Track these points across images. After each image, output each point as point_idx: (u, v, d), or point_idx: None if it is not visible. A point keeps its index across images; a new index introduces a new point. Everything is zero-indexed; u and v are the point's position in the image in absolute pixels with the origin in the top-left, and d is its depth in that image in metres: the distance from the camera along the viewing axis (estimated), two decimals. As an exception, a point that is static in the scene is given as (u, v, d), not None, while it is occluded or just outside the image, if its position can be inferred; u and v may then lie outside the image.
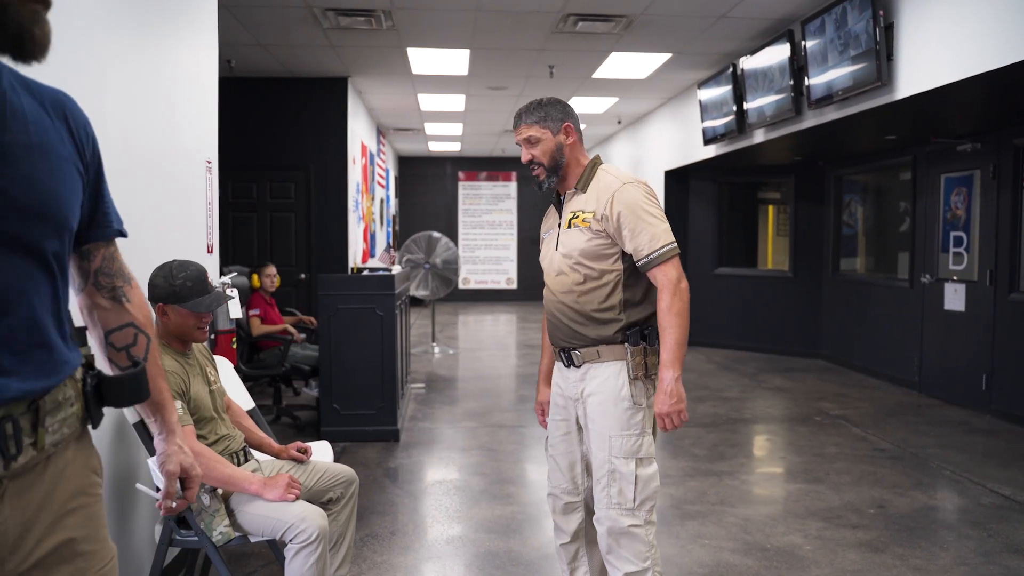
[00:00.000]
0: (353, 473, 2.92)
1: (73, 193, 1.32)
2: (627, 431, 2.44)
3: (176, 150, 3.37)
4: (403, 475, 4.76)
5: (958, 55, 4.38)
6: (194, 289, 2.61)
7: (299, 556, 2.45)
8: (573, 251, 2.49)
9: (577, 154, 2.58)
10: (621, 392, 2.44)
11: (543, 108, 2.54)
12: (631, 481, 2.42)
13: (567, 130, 2.54)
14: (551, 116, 2.53)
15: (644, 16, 6.15)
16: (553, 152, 2.53)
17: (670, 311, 2.36)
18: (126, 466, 2.80)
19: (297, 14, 6.14)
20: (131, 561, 2.84)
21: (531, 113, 2.54)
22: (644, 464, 2.44)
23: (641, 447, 2.44)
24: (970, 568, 3.44)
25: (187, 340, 2.66)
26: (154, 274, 2.64)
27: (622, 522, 2.43)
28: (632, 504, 2.43)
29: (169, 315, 2.60)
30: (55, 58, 2.21)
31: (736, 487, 4.53)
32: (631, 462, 2.43)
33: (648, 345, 2.44)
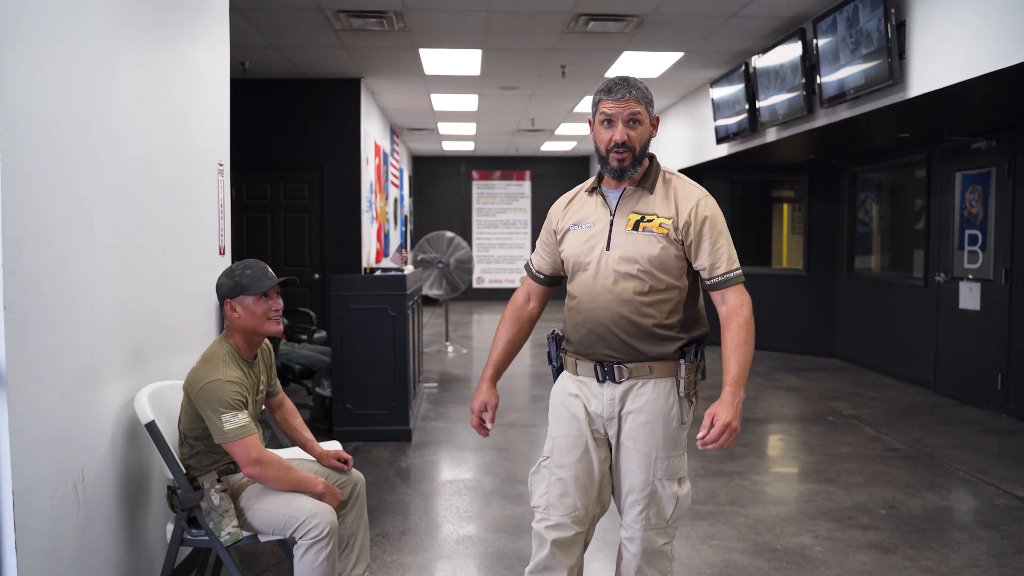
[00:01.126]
0: (358, 473, 2.94)
1: None
2: (674, 452, 2.32)
3: (188, 153, 3.40)
4: (415, 475, 4.78)
5: (970, 53, 4.35)
6: (254, 276, 2.65)
7: (309, 553, 2.48)
8: (640, 257, 2.27)
9: (650, 146, 2.37)
10: (672, 411, 2.31)
11: (648, 90, 2.30)
12: (672, 502, 2.32)
13: (656, 123, 2.35)
14: (652, 102, 2.32)
15: (655, 16, 6.15)
16: (646, 140, 2.31)
17: (746, 330, 2.26)
18: (138, 467, 2.84)
19: (309, 16, 6.17)
20: (143, 560, 2.88)
21: (640, 88, 2.28)
22: (684, 484, 2.36)
23: (683, 467, 2.36)
24: (981, 570, 3.42)
25: (260, 334, 2.67)
26: (218, 279, 2.69)
27: (657, 542, 2.33)
28: (667, 523, 2.34)
29: (238, 311, 2.63)
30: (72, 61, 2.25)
31: (747, 487, 4.53)
32: (674, 483, 2.32)
33: (702, 362, 2.34)
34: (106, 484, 2.59)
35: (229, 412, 2.47)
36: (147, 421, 2.60)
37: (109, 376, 2.62)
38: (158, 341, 3.04)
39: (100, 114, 2.58)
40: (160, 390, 2.79)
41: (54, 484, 2.28)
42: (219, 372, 2.53)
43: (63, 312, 2.32)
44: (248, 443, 2.49)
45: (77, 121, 2.42)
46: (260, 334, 2.68)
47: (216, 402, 2.48)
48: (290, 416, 2.98)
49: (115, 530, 2.66)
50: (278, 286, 2.70)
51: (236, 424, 2.48)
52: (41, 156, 2.21)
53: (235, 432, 2.47)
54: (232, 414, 2.47)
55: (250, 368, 2.69)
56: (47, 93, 2.25)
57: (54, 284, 2.27)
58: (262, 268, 2.69)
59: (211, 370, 2.54)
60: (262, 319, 2.64)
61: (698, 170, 9.87)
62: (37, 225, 2.18)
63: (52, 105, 2.28)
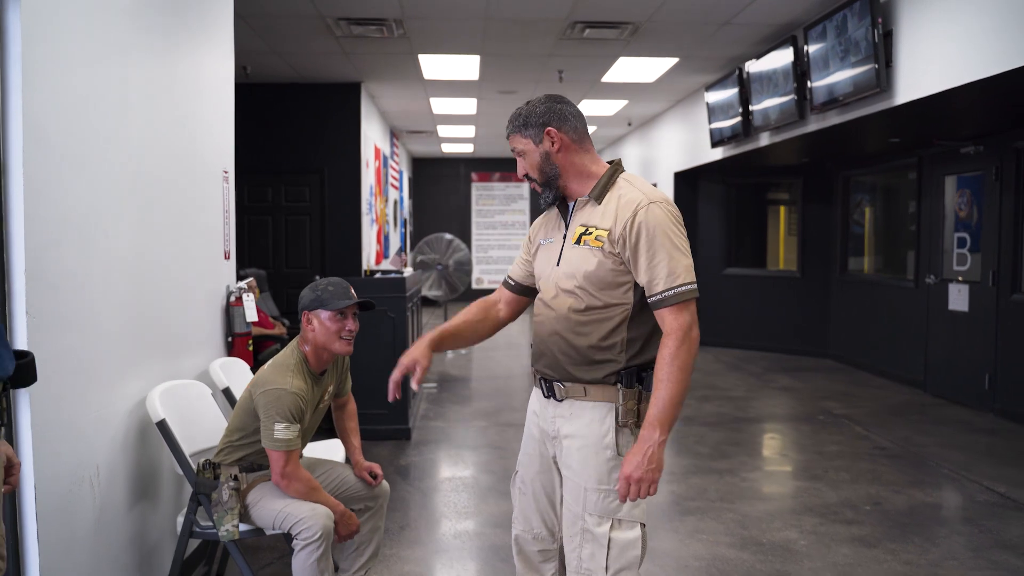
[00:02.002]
0: (385, 486, 3.05)
1: None
2: (606, 485, 2.08)
3: (195, 161, 3.53)
4: (414, 472, 4.91)
5: (955, 62, 4.47)
6: (335, 294, 2.74)
7: (302, 553, 2.60)
8: (578, 273, 2.12)
9: (575, 159, 2.17)
10: (605, 439, 2.09)
11: (523, 115, 2.19)
12: (603, 545, 2.06)
13: (550, 136, 2.15)
14: (530, 123, 2.16)
15: (649, 23, 6.28)
16: (539, 163, 2.17)
17: (672, 362, 1.98)
18: (149, 463, 2.97)
19: (310, 24, 6.31)
20: (154, 551, 3.01)
21: (512, 121, 2.21)
22: (622, 527, 2.08)
23: (622, 507, 2.07)
24: (959, 563, 3.55)
25: (330, 351, 2.76)
26: (302, 291, 2.80)
27: None
28: (604, 573, 2.06)
29: (313, 324, 2.73)
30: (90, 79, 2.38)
31: (736, 484, 4.66)
32: (606, 523, 2.07)
33: (644, 390, 2.09)
34: (119, 479, 2.72)
35: (284, 422, 2.59)
36: (158, 420, 2.74)
37: (122, 377, 2.75)
38: (167, 343, 3.17)
39: (114, 128, 2.71)
40: (169, 389, 2.92)
41: (71, 479, 2.41)
42: (285, 381, 2.64)
43: (80, 316, 2.45)
44: (289, 456, 2.62)
45: (94, 135, 2.55)
46: (330, 351, 2.76)
47: (275, 409, 2.60)
48: (348, 418, 3.12)
49: (127, 522, 2.80)
50: (357, 310, 2.79)
51: (285, 436, 2.60)
52: (61, 170, 2.34)
53: (282, 443, 2.60)
54: (285, 425, 2.59)
55: (316, 382, 2.79)
56: (67, 111, 2.38)
57: (72, 290, 2.40)
58: (344, 287, 2.79)
59: (279, 377, 2.66)
60: (334, 337, 2.73)
61: (694, 173, 10.00)
62: (57, 234, 2.31)
63: (71, 122, 2.41)
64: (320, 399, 2.84)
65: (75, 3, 2.44)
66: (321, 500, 2.69)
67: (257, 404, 2.65)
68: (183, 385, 3.06)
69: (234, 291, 3.91)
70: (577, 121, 2.19)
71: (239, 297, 3.89)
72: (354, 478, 2.97)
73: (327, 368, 2.84)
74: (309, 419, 2.76)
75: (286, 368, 2.70)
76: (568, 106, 2.20)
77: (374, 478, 3.00)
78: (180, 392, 2.98)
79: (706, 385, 7.65)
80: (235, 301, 3.88)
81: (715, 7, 5.88)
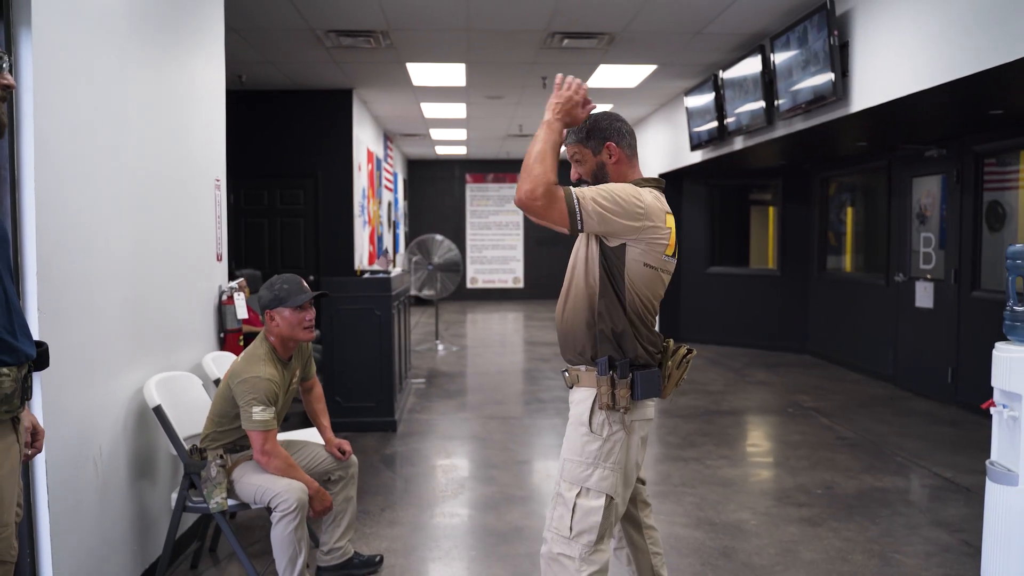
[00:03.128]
0: (354, 459, 3.40)
1: None
2: (579, 457, 2.36)
3: (189, 170, 3.83)
4: (398, 461, 5.21)
5: (904, 72, 4.76)
6: (291, 291, 3.09)
7: (281, 523, 2.91)
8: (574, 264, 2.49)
9: (624, 171, 2.45)
10: (582, 417, 2.38)
11: (584, 128, 2.46)
12: (569, 508, 2.34)
13: (609, 149, 2.43)
14: (593, 135, 2.44)
15: (625, 33, 6.57)
16: (595, 172, 2.46)
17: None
18: (146, 445, 3.27)
19: (301, 36, 6.61)
20: (151, 524, 3.32)
21: (573, 133, 2.48)
22: (588, 496, 2.34)
23: (590, 478, 2.34)
24: (894, 539, 3.85)
25: (296, 340, 3.12)
26: (260, 291, 3.13)
27: (554, 548, 2.37)
28: (568, 533, 2.34)
29: (276, 320, 3.07)
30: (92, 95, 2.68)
31: (699, 471, 4.96)
32: (574, 489, 2.35)
33: (618, 377, 2.33)
34: (119, 459, 3.03)
35: (260, 406, 2.92)
36: (154, 405, 3.05)
37: (121, 367, 3.05)
38: (163, 337, 3.47)
39: (114, 142, 3.01)
40: (165, 379, 3.22)
41: (77, 457, 2.71)
42: (259, 369, 2.99)
43: (85, 313, 2.75)
44: (267, 435, 2.94)
45: (96, 150, 2.85)
46: (295, 340, 3.12)
47: (251, 394, 2.93)
48: (315, 400, 3.48)
49: (127, 498, 3.10)
50: (313, 299, 3.14)
51: (263, 417, 2.93)
52: (67, 183, 2.65)
53: (260, 424, 2.93)
54: (262, 408, 2.92)
55: (285, 367, 3.13)
56: (72, 128, 2.68)
57: (77, 288, 2.70)
58: (298, 283, 3.13)
59: (252, 366, 3.00)
60: (297, 328, 3.09)
61: (677, 175, 10.29)
62: (64, 239, 2.62)
63: (76, 138, 2.71)
64: (289, 383, 3.17)
65: (79, 28, 2.74)
66: (297, 477, 2.99)
67: (236, 392, 2.97)
68: (177, 376, 3.36)
69: (226, 290, 4.21)
70: (631, 138, 2.50)
71: (231, 296, 4.19)
72: (325, 454, 3.30)
73: (292, 354, 3.18)
74: (282, 401, 3.08)
75: (257, 358, 3.02)
76: (625, 124, 2.50)
77: (343, 453, 3.33)
78: (174, 382, 3.29)
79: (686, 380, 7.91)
80: (227, 300, 4.18)
81: (687, 18, 6.17)
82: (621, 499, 2.42)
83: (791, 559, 3.63)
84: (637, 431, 2.42)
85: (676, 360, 2.49)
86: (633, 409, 2.38)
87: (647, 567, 2.71)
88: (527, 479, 4.85)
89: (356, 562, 3.41)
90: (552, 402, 6.89)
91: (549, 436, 5.77)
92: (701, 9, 5.93)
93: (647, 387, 2.37)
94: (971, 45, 4.12)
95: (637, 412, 2.40)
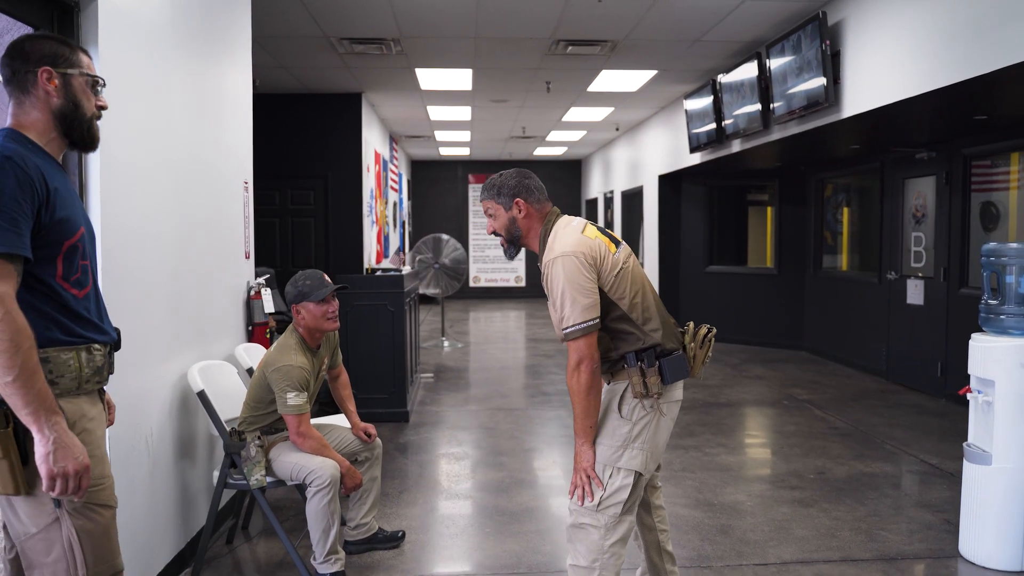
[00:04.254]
0: (378, 442, 3.70)
1: None
2: (610, 440, 2.57)
3: (220, 175, 4.10)
4: (412, 449, 5.48)
5: (892, 80, 5.04)
6: (313, 286, 3.37)
7: (316, 497, 3.18)
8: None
9: (534, 224, 2.69)
10: (613, 404, 2.60)
11: (495, 186, 2.70)
12: (602, 485, 2.56)
13: (518, 205, 2.66)
14: (503, 192, 2.68)
15: (627, 41, 6.84)
16: (507, 226, 2.69)
17: (570, 388, 2.53)
18: (190, 427, 3.54)
19: (315, 43, 6.87)
20: (194, 499, 3.59)
21: (486, 190, 2.74)
22: (617, 474, 2.55)
23: (621, 458, 2.55)
24: (880, 518, 4.12)
25: (322, 330, 3.39)
26: (285, 287, 3.41)
27: (580, 518, 2.58)
28: (595, 506, 2.56)
29: (302, 313, 3.35)
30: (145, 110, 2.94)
31: (698, 458, 5.23)
32: (608, 470, 2.56)
33: (646, 367, 2.53)
34: (166, 440, 3.29)
35: (294, 391, 3.20)
36: (199, 390, 3.31)
37: (166, 355, 3.32)
38: (199, 329, 3.74)
39: (161, 150, 3.28)
40: (205, 367, 3.49)
41: (132, 438, 2.98)
42: (290, 358, 3.26)
43: (136, 306, 3.02)
44: (301, 418, 3.22)
45: (146, 156, 3.12)
46: (321, 330, 3.40)
47: (285, 382, 3.20)
48: (341, 387, 3.76)
49: (174, 475, 3.37)
50: (335, 292, 3.43)
51: (297, 402, 3.20)
52: (125, 185, 2.91)
53: (294, 408, 3.20)
54: (296, 393, 3.20)
55: (314, 355, 3.40)
56: (129, 137, 2.94)
57: (130, 283, 2.97)
58: (319, 278, 3.41)
59: (284, 356, 3.28)
60: (322, 319, 3.36)
61: (677, 176, 10.57)
62: (120, 239, 2.88)
63: (132, 147, 2.97)
64: (319, 370, 3.45)
65: (133, 42, 3.01)
66: (330, 456, 3.26)
67: (270, 380, 3.24)
68: (215, 364, 3.63)
69: (253, 286, 4.48)
70: (540, 193, 2.72)
71: (258, 291, 4.45)
72: (352, 436, 3.58)
73: (321, 343, 3.45)
74: (312, 387, 3.36)
75: (288, 348, 3.31)
76: (533, 180, 2.73)
77: (369, 436, 3.62)
78: (213, 370, 3.56)
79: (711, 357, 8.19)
80: (254, 295, 4.45)
81: (687, 27, 6.44)
82: (648, 474, 2.66)
83: (784, 535, 3.90)
84: (667, 412, 2.62)
85: (698, 340, 2.73)
86: (664, 392, 2.58)
87: (654, 543, 2.96)
88: (534, 465, 5.11)
89: (380, 537, 3.68)
90: (556, 395, 7.16)
91: (554, 426, 6.04)
92: (700, 18, 6.20)
93: (675, 370, 2.57)
94: (955, 56, 4.40)
95: (667, 395, 2.60)
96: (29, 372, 1.75)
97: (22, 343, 1.74)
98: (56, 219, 1.87)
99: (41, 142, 1.93)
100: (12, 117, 1.95)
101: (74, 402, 1.92)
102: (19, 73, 1.92)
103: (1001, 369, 3.47)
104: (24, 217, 1.78)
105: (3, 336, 1.72)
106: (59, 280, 1.90)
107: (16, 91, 1.94)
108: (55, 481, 1.78)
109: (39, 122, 1.92)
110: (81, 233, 1.95)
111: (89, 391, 1.98)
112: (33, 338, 1.78)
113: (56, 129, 1.94)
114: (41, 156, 1.90)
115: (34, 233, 1.82)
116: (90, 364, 1.96)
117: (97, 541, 1.92)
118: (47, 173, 1.86)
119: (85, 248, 1.97)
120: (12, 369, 1.72)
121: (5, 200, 1.76)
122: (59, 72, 1.93)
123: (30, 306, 1.83)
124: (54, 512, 1.87)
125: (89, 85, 2.00)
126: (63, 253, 1.90)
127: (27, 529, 1.89)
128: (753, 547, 3.76)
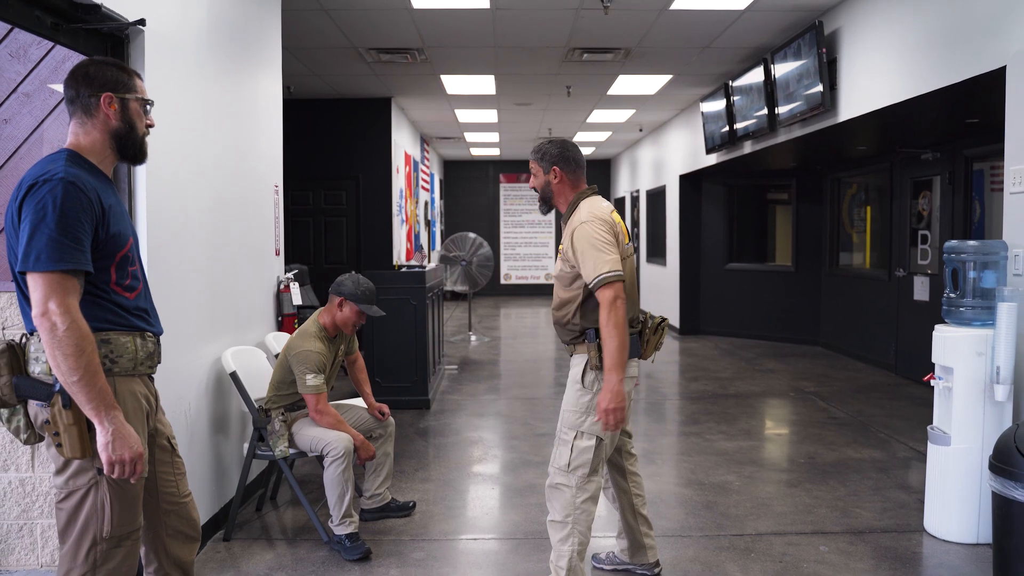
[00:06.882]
0: (391, 420, 4.12)
1: None
2: (574, 408, 2.96)
3: (253, 178, 4.54)
4: (431, 433, 5.89)
5: (885, 85, 5.31)
6: (367, 297, 3.82)
7: (332, 466, 3.59)
8: (555, 274, 3.08)
9: (565, 189, 3.08)
10: (577, 376, 2.98)
11: (541, 150, 3.10)
12: (568, 448, 2.95)
13: (555, 172, 3.06)
14: (545, 157, 3.08)
15: (639, 48, 7.18)
16: (543, 187, 3.10)
17: (607, 324, 2.79)
18: (223, 404, 3.99)
19: (345, 53, 7.32)
20: (227, 468, 4.03)
21: (534, 152, 3.13)
22: (582, 437, 2.93)
23: (584, 423, 2.93)
24: (859, 498, 4.43)
25: (344, 329, 3.82)
26: (343, 277, 3.85)
27: (555, 479, 2.97)
28: (566, 467, 2.93)
29: (344, 309, 3.78)
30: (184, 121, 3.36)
31: (697, 443, 5.56)
32: (572, 433, 2.95)
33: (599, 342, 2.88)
34: (203, 414, 3.74)
35: (312, 373, 3.62)
36: (231, 371, 3.75)
37: (203, 341, 3.76)
38: (233, 318, 4.18)
39: (197, 157, 3.72)
40: (237, 351, 3.93)
41: (174, 413, 3.41)
42: (309, 344, 3.69)
43: (176, 298, 3.46)
44: (319, 397, 3.64)
45: (185, 162, 3.56)
46: (342, 329, 3.84)
47: (305, 365, 3.63)
48: (358, 371, 4.19)
49: (209, 446, 3.81)
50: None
51: (315, 383, 3.62)
52: (168, 194, 3.35)
53: (312, 388, 3.62)
54: (313, 375, 3.62)
55: (331, 342, 3.82)
56: (171, 146, 3.38)
57: (172, 277, 3.41)
58: (374, 295, 3.85)
59: (304, 342, 3.70)
60: (349, 323, 3.81)
61: (697, 175, 10.85)
62: (164, 238, 3.32)
63: (173, 154, 3.41)
64: (335, 355, 3.86)
65: (174, 61, 3.44)
66: (345, 430, 3.67)
67: (291, 363, 3.66)
68: (246, 349, 4.07)
69: (283, 280, 4.92)
70: (576, 165, 3.09)
71: (287, 285, 4.89)
72: (368, 415, 3.99)
73: (339, 333, 3.87)
74: (330, 370, 3.77)
75: (308, 335, 3.73)
76: (573, 152, 3.10)
77: (383, 415, 4.02)
78: (245, 354, 4.00)
79: (698, 368, 8.53)
80: (284, 288, 4.89)
81: (694, 34, 6.76)
82: (609, 440, 3.03)
83: (763, 511, 4.23)
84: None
85: (652, 327, 3.15)
86: None
87: (628, 505, 3.36)
88: (543, 447, 5.48)
89: (393, 506, 4.09)
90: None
91: (566, 414, 6.40)
92: (706, 27, 6.51)
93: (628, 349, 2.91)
94: (942, 61, 4.67)
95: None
96: (92, 373, 1.98)
97: (86, 347, 1.97)
98: (111, 234, 2.11)
99: (96, 160, 2.15)
100: (72, 136, 2.15)
101: (130, 382, 2.20)
102: (83, 96, 2.13)
103: (959, 357, 3.76)
104: (86, 235, 2.02)
105: (70, 342, 1.95)
106: (113, 286, 2.16)
107: (79, 112, 2.14)
108: (114, 466, 2.04)
109: (97, 142, 2.15)
110: (131, 244, 2.22)
111: (142, 374, 2.26)
112: (95, 342, 2.00)
113: (111, 148, 2.18)
114: (96, 175, 2.13)
115: (92, 247, 2.05)
116: (143, 349, 2.24)
117: (125, 505, 2.18)
118: (102, 192, 2.10)
119: (134, 256, 2.24)
120: (77, 370, 1.96)
121: (70, 222, 1.98)
122: (119, 97, 2.15)
123: (92, 304, 2.10)
124: (96, 476, 2.13)
125: (141, 107, 2.22)
126: (116, 263, 2.14)
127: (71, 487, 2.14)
128: (733, 520, 4.10)
